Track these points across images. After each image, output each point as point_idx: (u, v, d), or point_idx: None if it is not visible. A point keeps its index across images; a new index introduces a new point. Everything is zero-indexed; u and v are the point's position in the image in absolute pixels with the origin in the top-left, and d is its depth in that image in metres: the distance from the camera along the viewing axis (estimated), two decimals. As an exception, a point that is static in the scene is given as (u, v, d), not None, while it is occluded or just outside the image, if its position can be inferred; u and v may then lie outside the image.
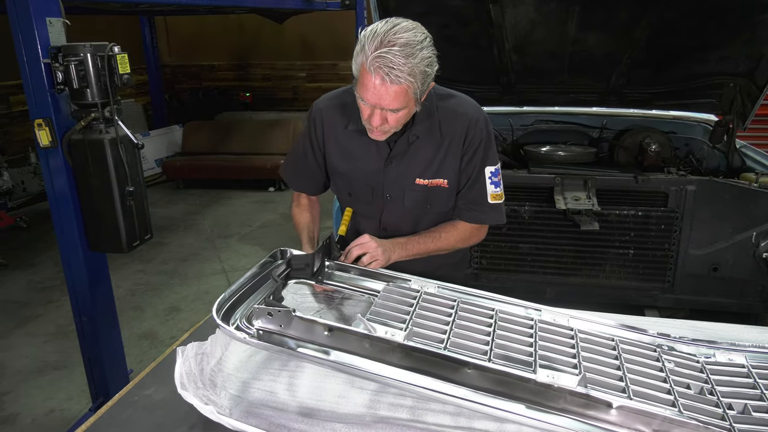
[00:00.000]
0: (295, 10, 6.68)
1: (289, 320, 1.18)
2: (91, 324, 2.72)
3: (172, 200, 7.23)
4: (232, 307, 1.29)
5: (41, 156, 2.52)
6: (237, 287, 1.35)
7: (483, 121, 1.71)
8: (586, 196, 3.00)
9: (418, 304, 1.36)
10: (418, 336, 1.22)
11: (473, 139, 1.68)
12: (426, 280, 1.54)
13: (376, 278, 1.58)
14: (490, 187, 1.73)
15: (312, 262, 1.53)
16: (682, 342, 1.36)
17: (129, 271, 4.98)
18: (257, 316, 1.20)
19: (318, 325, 1.17)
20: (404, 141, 1.69)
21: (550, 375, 1.06)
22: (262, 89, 9.44)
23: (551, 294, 3.19)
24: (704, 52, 2.98)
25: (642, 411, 1.02)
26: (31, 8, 2.26)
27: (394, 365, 1.13)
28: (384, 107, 1.47)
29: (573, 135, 3.70)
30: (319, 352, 1.16)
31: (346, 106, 1.72)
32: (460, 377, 1.10)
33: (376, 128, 1.54)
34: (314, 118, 1.78)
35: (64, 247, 2.62)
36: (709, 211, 2.94)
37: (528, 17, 2.90)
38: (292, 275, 1.52)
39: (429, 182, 1.71)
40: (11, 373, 3.50)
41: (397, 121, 1.54)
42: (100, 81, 2.36)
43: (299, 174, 1.91)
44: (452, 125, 1.68)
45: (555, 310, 1.43)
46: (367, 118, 1.53)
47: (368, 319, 1.23)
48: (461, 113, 1.69)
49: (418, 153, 1.70)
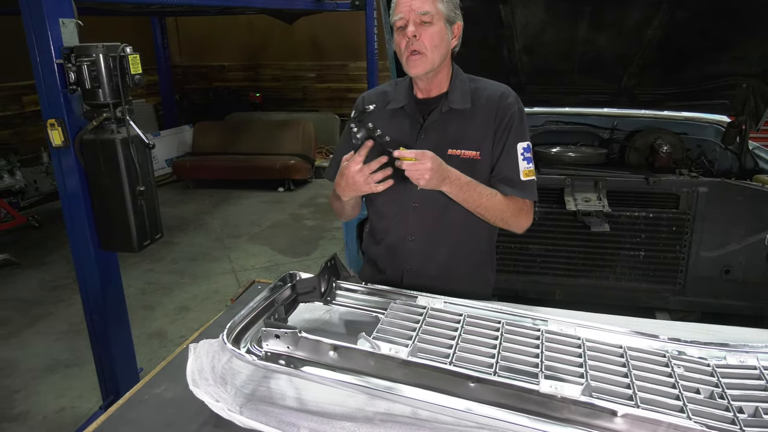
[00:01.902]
0: (305, 11, 6.70)
1: (296, 341, 1.20)
2: (102, 322, 2.74)
3: (183, 200, 7.28)
4: (243, 330, 1.33)
5: (53, 156, 2.54)
6: (247, 312, 1.37)
7: (514, 97, 1.76)
8: (596, 198, 2.98)
9: (424, 320, 1.37)
10: (423, 352, 1.24)
11: (505, 114, 1.72)
12: (433, 296, 1.54)
13: (384, 296, 1.58)
14: (522, 164, 1.73)
15: (318, 284, 1.54)
16: (692, 345, 1.35)
17: (139, 270, 5.01)
18: (265, 338, 1.22)
19: (324, 345, 1.19)
20: (437, 112, 1.73)
21: (553, 385, 1.06)
22: (272, 90, 9.48)
23: (561, 296, 3.17)
24: (717, 52, 2.95)
25: (648, 419, 1.01)
26: (44, 9, 2.28)
27: (399, 381, 1.15)
28: (416, 11, 1.58)
29: (583, 136, 3.68)
30: (326, 371, 1.19)
31: (387, 93, 1.83)
32: (465, 391, 1.11)
33: (410, 36, 1.59)
34: (357, 105, 1.83)
35: (75, 246, 2.65)
36: (722, 213, 2.91)
37: (538, 17, 2.89)
38: (299, 299, 1.54)
39: (462, 153, 1.72)
40: (23, 370, 3.54)
41: (431, 40, 1.61)
42: (112, 81, 2.37)
43: (335, 164, 1.83)
44: (485, 99, 1.74)
45: (562, 320, 1.42)
46: (405, 42, 1.62)
47: (374, 337, 1.25)
48: (493, 89, 1.77)
49: (451, 124, 1.73)
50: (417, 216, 1.77)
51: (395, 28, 1.66)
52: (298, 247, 5.56)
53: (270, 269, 5.03)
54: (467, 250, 1.84)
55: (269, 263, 5.18)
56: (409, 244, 1.80)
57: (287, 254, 5.37)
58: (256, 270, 5.04)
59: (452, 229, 1.78)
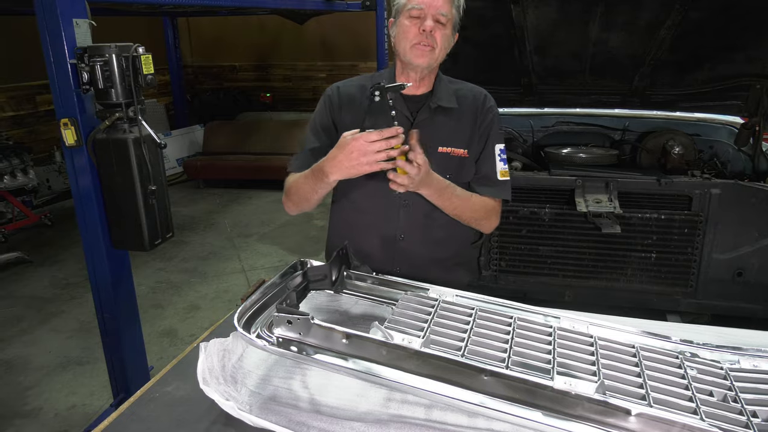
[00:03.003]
0: (315, 11, 6.72)
1: (308, 328, 1.19)
2: (113, 321, 2.76)
3: (193, 199, 7.32)
4: (254, 315, 1.31)
5: (66, 155, 2.56)
6: (258, 296, 1.36)
7: (492, 100, 1.83)
8: (607, 199, 2.96)
9: (436, 312, 1.36)
10: (435, 343, 1.23)
11: (486, 116, 1.79)
12: (444, 289, 1.54)
13: (394, 287, 1.58)
14: (499, 164, 1.80)
15: (329, 272, 1.54)
16: (705, 348, 1.34)
17: (150, 269, 5.05)
18: (277, 324, 1.22)
19: (336, 333, 1.18)
20: (426, 109, 1.74)
21: (567, 382, 1.05)
22: (283, 90, 9.50)
23: (571, 297, 3.16)
24: (730, 52, 2.93)
25: (662, 419, 1.01)
26: (58, 9, 2.30)
27: (412, 372, 1.14)
28: (438, 9, 1.60)
29: (594, 137, 3.66)
30: (338, 359, 1.18)
31: (365, 87, 1.78)
32: (478, 384, 1.10)
33: (428, 31, 1.60)
34: (330, 95, 1.81)
35: (87, 244, 2.67)
36: (734, 214, 2.89)
37: (550, 18, 2.88)
38: (310, 287, 1.53)
39: (452, 150, 1.75)
40: (35, 368, 3.57)
41: (441, 40, 1.64)
42: (124, 81, 2.39)
43: (303, 157, 1.80)
44: (468, 98, 1.80)
45: (574, 318, 1.41)
46: (417, 30, 1.62)
47: (386, 326, 1.23)
48: (474, 90, 1.84)
49: (439, 121, 1.75)
50: (407, 214, 1.78)
51: (409, 15, 1.64)
52: (307, 247, 5.57)
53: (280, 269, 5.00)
54: (456, 244, 1.87)
55: (279, 263, 5.19)
56: (399, 243, 1.80)
57: (297, 253, 5.39)
58: (265, 269, 5.06)
59: (441, 224, 1.79)
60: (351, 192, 1.80)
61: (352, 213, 1.85)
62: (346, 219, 1.87)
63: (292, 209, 1.84)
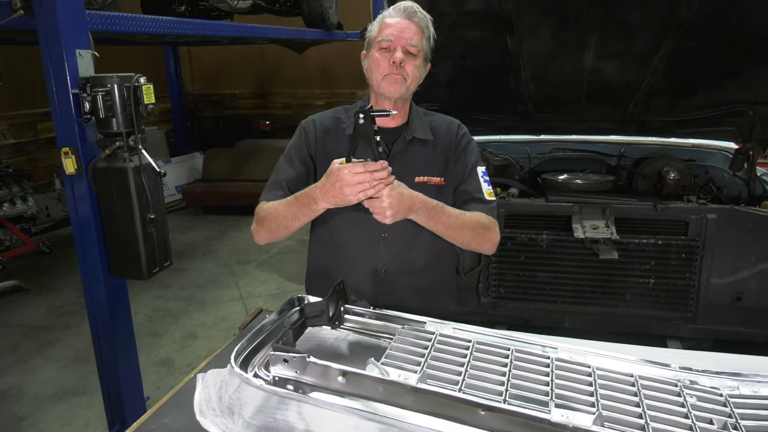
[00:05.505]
0: (315, 41, 6.80)
1: (304, 366, 1.20)
2: (110, 350, 2.74)
3: (192, 226, 7.32)
4: (251, 354, 1.32)
5: (66, 183, 2.57)
6: (255, 334, 1.36)
7: (464, 127, 1.88)
8: (604, 225, 2.97)
9: (433, 346, 1.36)
10: (432, 378, 1.22)
11: (461, 140, 1.84)
12: (442, 322, 1.53)
13: (391, 321, 1.58)
14: (484, 185, 1.81)
15: (327, 308, 1.54)
16: (704, 375, 1.33)
17: (148, 296, 5.02)
18: (273, 363, 1.22)
19: (332, 370, 1.18)
20: (402, 140, 1.77)
21: (564, 414, 1.05)
22: (283, 117, 9.58)
23: (570, 323, 3.15)
24: (723, 80, 2.97)
25: (661, 449, 1.00)
26: (62, 41, 2.34)
27: (409, 408, 1.14)
28: (407, 40, 1.65)
29: (591, 163, 3.70)
30: (335, 397, 1.18)
31: (340, 120, 1.83)
32: (475, 419, 1.10)
33: (397, 63, 1.64)
34: (305, 127, 1.83)
35: (85, 272, 2.66)
36: (731, 239, 2.89)
37: (545, 47, 2.93)
38: (307, 323, 1.54)
39: (428, 179, 1.77)
40: (30, 397, 3.53)
41: (412, 72, 1.68)
42: (125, 111, 2.41)
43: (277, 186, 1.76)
44: (441, 128, 1.84)
45: (572, 348, 1.41)
46: (387, 62, 1.66)
47: (383, 362, 1.24)
48: (447, 121, 1.88)
49: (415, 151, 1.78)
50: (386, 247, 1.77)
51: (379, 47, 1.69)
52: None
53: (278, 296, 5.02)
54: (437, 271, 1.86)
55: (277, 290, 5.17)
56: (380, 275, 1.78)
57: (295, 281, 5.37)
58: (264, 297, 5.04)
59: (423, 255, 1.80)
60: (329, 220, 1.79)
61: (332, 245, 1.83)
62: (326, 251, 1.86)
63: (264, 237, 1.75)
